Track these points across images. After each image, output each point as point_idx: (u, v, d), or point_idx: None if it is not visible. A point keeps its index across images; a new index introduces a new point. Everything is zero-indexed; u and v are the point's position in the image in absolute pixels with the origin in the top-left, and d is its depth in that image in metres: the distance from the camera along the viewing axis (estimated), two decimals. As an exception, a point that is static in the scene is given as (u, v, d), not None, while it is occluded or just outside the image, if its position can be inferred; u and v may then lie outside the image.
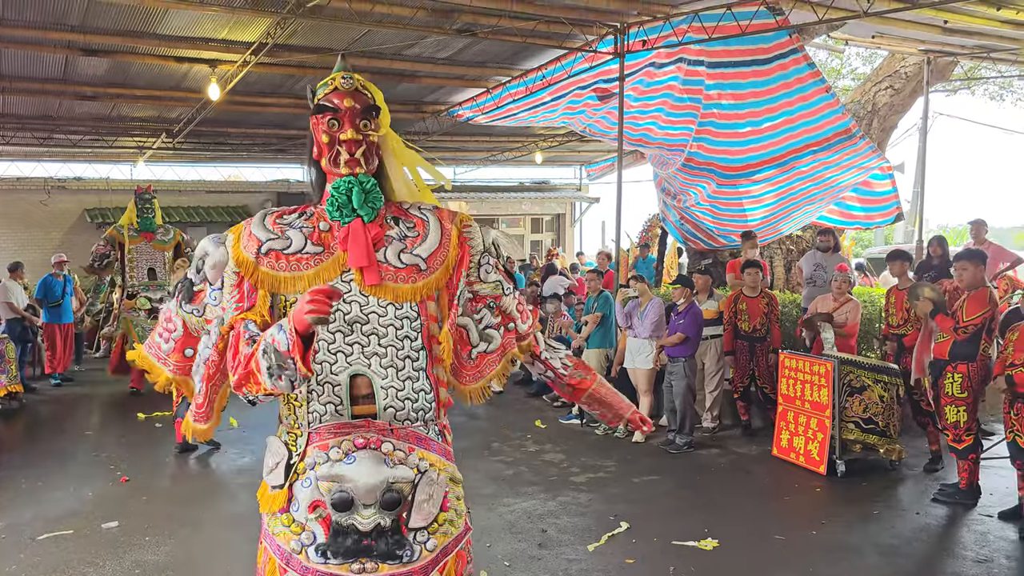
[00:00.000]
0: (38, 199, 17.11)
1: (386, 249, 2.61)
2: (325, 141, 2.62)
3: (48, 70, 10.43)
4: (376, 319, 2.56)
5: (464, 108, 13.00)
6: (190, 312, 2.67)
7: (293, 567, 2.46)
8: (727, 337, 8.11)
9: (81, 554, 5.17)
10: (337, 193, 2.59)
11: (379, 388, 2.53)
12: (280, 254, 2.55)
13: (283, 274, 2.55)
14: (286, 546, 2.48)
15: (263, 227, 2.63)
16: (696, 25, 8.42)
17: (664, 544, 5.23)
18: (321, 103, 2.67)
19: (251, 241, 2.59)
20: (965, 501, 5.96)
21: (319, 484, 2.45)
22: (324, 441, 2.50)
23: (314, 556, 2.43)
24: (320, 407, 2.51)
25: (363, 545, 2.43)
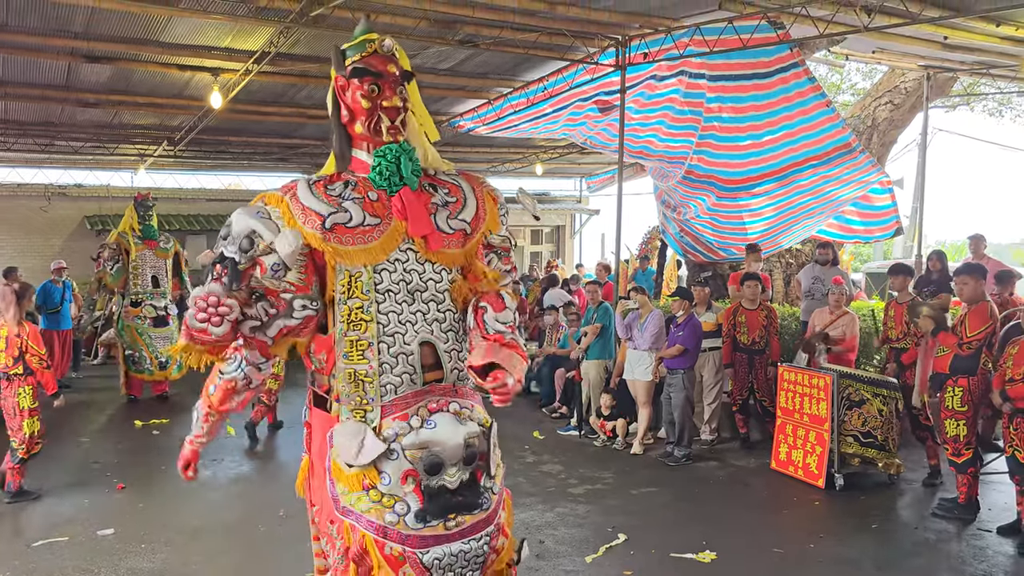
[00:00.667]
0: (38, 205, 17.10)
1: (435, 216, 2.66)
2: (366, 107, 2.60)
3: (50, 77, 10.44)
4: (433, 285, 2.65)
5: (465, 119, 13.02)
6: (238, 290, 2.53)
7: (391, 538, 2.49)
8: (726, 350, 8.11)
9: (76, 561, 5.15)
10: (385, 161, 2.59)
11: (443, 352, 2.66)
12: (344, 228, 2.54)
13: (349, 248, 2.55)
14: (379, 520, 2.49)
15: (316, 198, 2.56)
16: (697, 38, 8.45)
17: (662, 556, 5.22)
18: (360, 66, 2.62)
19: (309, 216, 2.52)
20: (964, 516, 5.94)
21: (407, 453, 2.51)
22: (402, 412, 2.56)
23: (413, 522, 2.50)
24: (395, 378, 2.57)
25: (453, 502, 2.53)
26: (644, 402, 8.01)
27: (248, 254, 2.50)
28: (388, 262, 2.59)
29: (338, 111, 2.68)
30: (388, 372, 2.55)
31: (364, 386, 2.54)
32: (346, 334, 2.54)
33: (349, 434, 2.52)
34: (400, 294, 2.59)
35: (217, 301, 2.46)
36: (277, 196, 2.58)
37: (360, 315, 2.54)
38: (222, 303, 2.47)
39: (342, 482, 2.53)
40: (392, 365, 2.56)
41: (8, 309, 6.31)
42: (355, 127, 2.64)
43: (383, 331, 2.56)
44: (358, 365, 2.54)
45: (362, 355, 2.54)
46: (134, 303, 10.25)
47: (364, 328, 2.54)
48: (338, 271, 2.55)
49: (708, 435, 8.24)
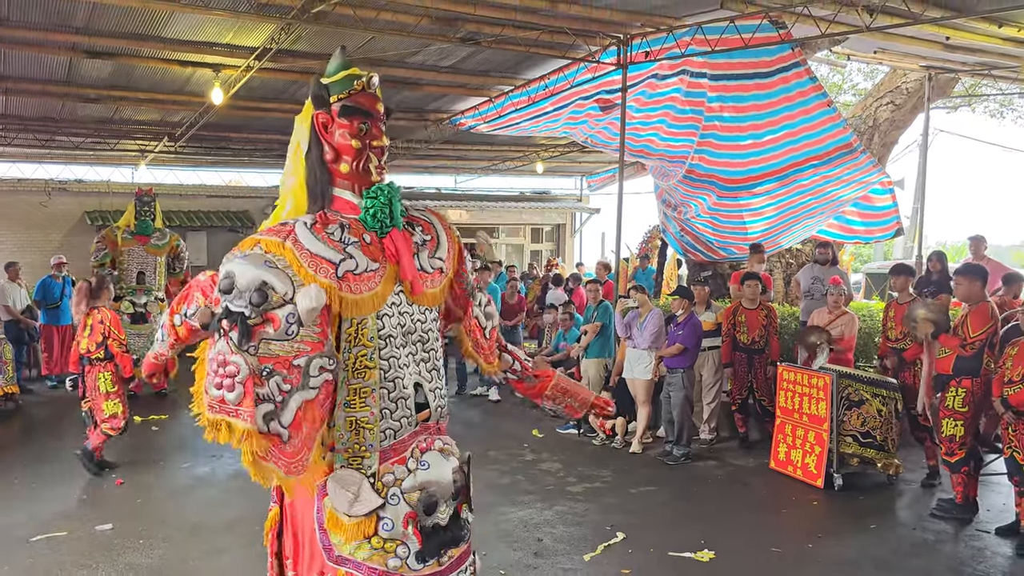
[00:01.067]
0: (38, 200, 17.08)
1: (418, 256, 2.65)
2: (356, 147, 2.54)
3: (51, 72, 10.43)
4: (420, 326, 2.65)
5: (466, 116, 13.02)
6: (246, 350, 2.20)
7: None
8: (726, 349, 8.11)
9: (74, 556, 5.15)
10: (379, 204, 2.53)
11: (428, 391, 2.66)
12: (353, 275, 2.46)
13: (360, 297, 2.47)
14: (382, 566, 2.46)
15: (321, 244, 2.44)
16: (699, 37, 8.44)
17: (660, 555, 5.22)
18: (351, 105, 2.56)
19: (320, 264, 2.40)
20: (962, 516, 5.95)
21: (405, 497, 2.49)
22: (400, 456, 2.54)
23: (415, 564, 2.48)
24: (395, 423, 2.54)
25: (446, 537, 2.56)
26: (643, 401, 8.01)
27: (260, 308, 2.25)
28: (387, 307, 2.54)
29: (320, 149, 2.59)
30: (388, 417, 2.52)
31: (364, 433, 2.49)
32: (348, 382, 2.47)
33: (345, 483, 2.46)
34: (398, 338, 2.56)
35: (224, 360, 2.17)
36: (277, 242, 2.39)
37: (364, 362, 2.49)
38: (228, 362, 2.17)
39: (339, 532, 2.46)
40: (392, 410, 2.53)
41: (81, 302, 6.91)
42: (340, 166, 2.56)
43: (384, 376, 2.51)
44: (359, 412, 2.48)
45: (364, 402, 2.48)
46: (116, 298, 10.24)
47: (367, 375, 2.49)
48: (345, 320, 2.47)
49: (707, 434, 8.24)
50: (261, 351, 2.22)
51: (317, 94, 2.59)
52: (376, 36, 8.86)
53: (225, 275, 2.29)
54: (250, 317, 2.23)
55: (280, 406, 2.20)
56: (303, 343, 2.27)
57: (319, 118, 2.58)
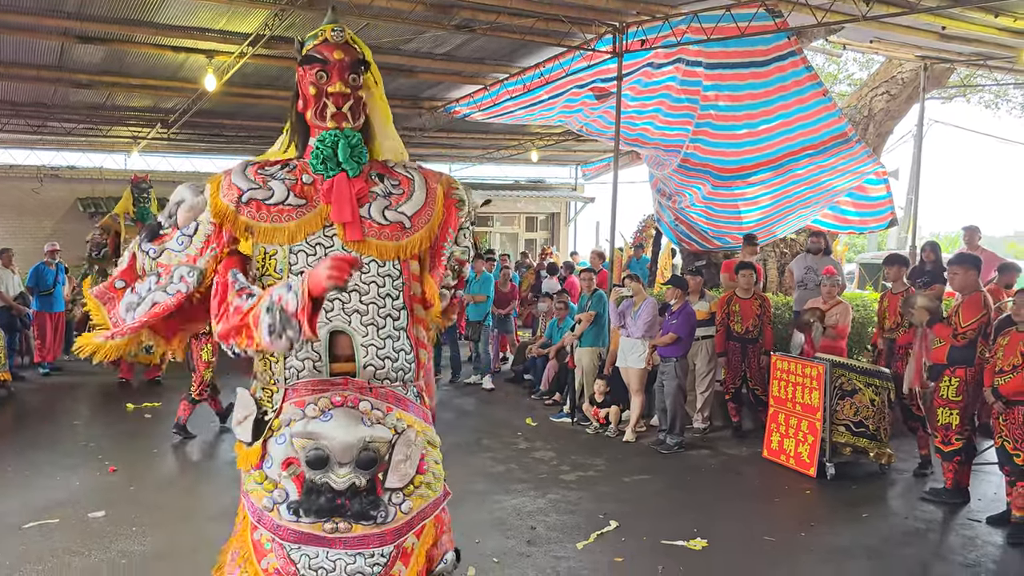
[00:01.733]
0: (30, 187, 17.00)
1: (370, 205, 2.62)
2: (312, 93, 2.61)
3: (43, 57, 10.35)
4: (358, 276, 2.52)
5: (461, 104, 12.97)
6: (146, 251, 2.63)
7: (264, 524, 2.44)
8: (719, 338, 8.12)
9: (67, 543, 5.14)
10: (322, 146, 2.57)
11: (359, 346, 2.52)
12: (261, 204, 2.54)
13: (263, 224, 2.54)
14: (258, 503, 2.46)
15: (244, 176, 2.60)
16: (695, 26, 8.41)
17: (653, 543, 5.23)
18: (309, 54, 2.65)
19: (231, 190, 2.57)
20: (952, 500, 6.00)
21: (293, 441, 2.43)
22: (301, 398, 2.47)
23: (286, 514, 2.41)
24: (298, 363, 2.49)
25: (337, 504, 2.40)
26: (637, 390, 8.02)
27: (172, 219, 2.64)
28: (307, 244, 2.53)
29: (295, 100, 2.72)
30: (293, 355, 2.48)
31: (271, 365, 2.52)
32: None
33: (241, 405, 2.58)
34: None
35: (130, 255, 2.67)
36: (219, 175, 2.65)
37: None
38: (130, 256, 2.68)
39: (239, 458, 2.55)
40: (297, 349, 2.44)
41: None
42: (307, 114, 2.65)
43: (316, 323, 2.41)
44: None
45: None
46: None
47: None
48: (255, 248, 2.55)
49: (700, 423, 8.26)
50: (162, 258, 2.60)
51: (296, 50, 2.73)
52: (371, 23, 8.80)
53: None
54: (163, 227, 2.64)
55: (142, 301, 2.56)
56: (187, 254, 2.57)
57: (297, 71, 2.70)
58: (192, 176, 18.50)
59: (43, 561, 4.86)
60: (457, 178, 10.85)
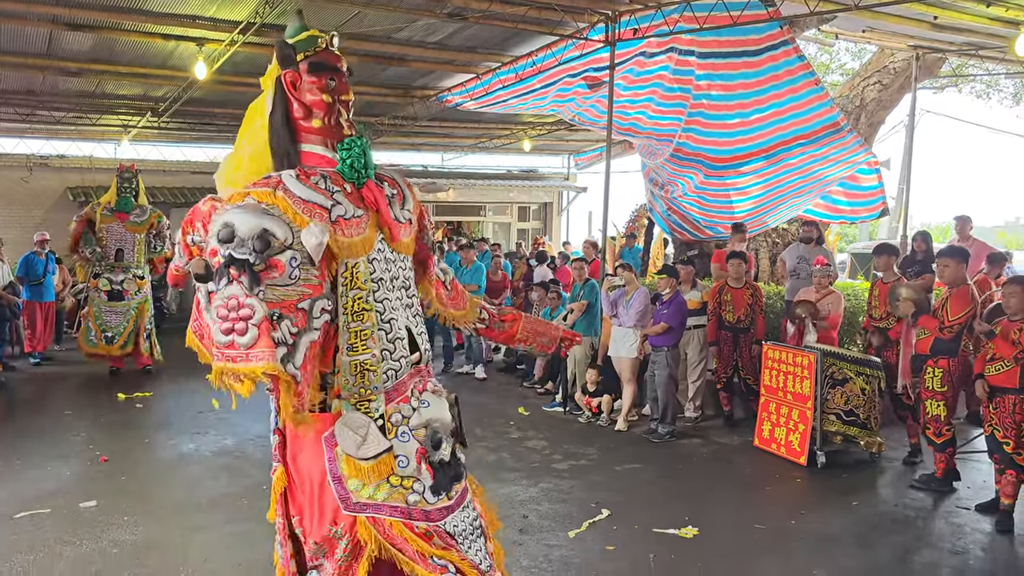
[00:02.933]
0: (19, 176, 16.88)
1: (391, 206, 2.76)
2: (327, 102, 2.63)
3: (31, 44, 10.26)
4: (403, 273, 2.79)
5: (453, 93, 12.93)
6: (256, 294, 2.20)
7: (416, 517, 2.56)
8: (711, 328, 8.13)
9: (58, 533, 5.13)
10: (353, 154, 2.62)
11: (417, 335, 2.80)
12: (343, 220, 2.57)
13: (349, 240, 2.57)
14: (402, 503, 2.56)
15: (310, 191, 2.51)
16: (688, 15, 8.40)
17: (645, 531, 5.25)
18: (317, 62, 2.65)
19: (314, 210, 2.47)
20: (941, 488, 6.05)
21: (414, 434, 2.63)
22: (404, 395, 2.67)
23: (432, 498, 2.60)
24: (395, 363, 2.67)
25: (452, 473, 2.69)
26: (629, 379, 8.04)
27: (264, 254, 2.27)
28: (375, 252, 2.66)
29: (285, 108, 2.67)
30: (388, 358, 2.63)
31: (368, 376, 2.58)
32: (349, 325, 2.56)
33: (354, 426, 2.54)
34: (387, 282, 2.68)
35: (238, 304, 2.17)
36: (268, 192, 2.44)
37: (361, 305, 2.59)
38: (242, 304, 2.17)
39: (357, 477, 2.53)
40: (391, 351, 2.64)
41: None
42: (312, 122, 2.65)
43: (380, 319, 2.62)
44: (362, 355, 2.57)
45: (365, 344, 2.58)
46: (95, 275, 10.17)
47: (365, 318, 2.59)
48: (340, 264, 2.57)
49: (692, 412, 8.29)
50: (267, 296, 2.23)
51: (284, 54, 2.68)
52: (362, 11, 8.76)
53: (223, 224, 2.29)
54: (255, 264, 2.24)
55: (292, 349, 2.23)
56: (305, 287, 2.35)
57: (287, 76, 2.67)
58: (183, 165, 18.46)
59: (34, 551, 4.85)
60: (450, 167, 11.06)
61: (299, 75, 2.65)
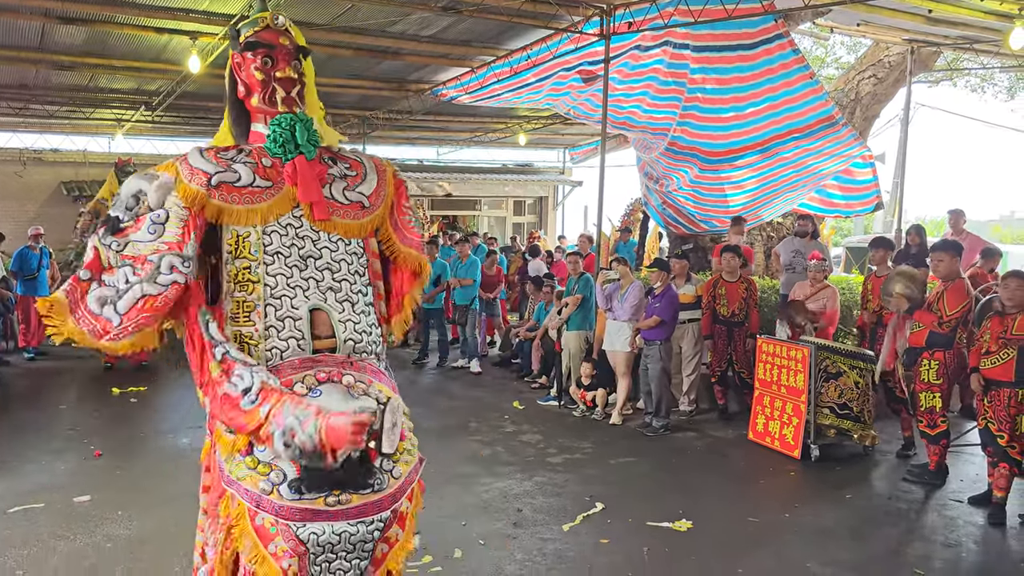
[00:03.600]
0: (13, 170, 16.84)
1: (331, 186, 2.71)
2: (260, 79, 2.64)
3: (24, 38, 10.21)
4: (329, 254, 2.65)
5: (448, 87, 12.90)
6: (107, 244, 2.44)
7: (264, 508, 2.39)
8: (706, 321, 8.14)
9: (52, 527, 5.12)
10: (280, 129, 2.62)
11: (337, 322, 2.61)
12: (231, 187, 2.56)
13: (236, 207, 2.56)
14: (254, 488, 2.40)
15: (206, 160, 2.58)
16: (682, 8, 8.38)
17: (638, 525, 5.26)
18: (254, 40, 2.67)
19: (196, 174, 2.53)
20: (934, 481, 6.07)
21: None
22: (287, 378, 2.47)
23: (288, 493, 2.38)
24: (281, 343, 2.53)
25: (335, 477, 2.39)
26: (623, 373, 8.04)
27: (132, 212, 2.50)
28: (279, 225, 2.60)
29: (235, 88, 2.72)
30: (274, 336, 2.52)
31: (249, 349, 2.50)
32: (232, 294, 2.52)
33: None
34: (291, 258, 2.58)
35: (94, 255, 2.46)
36: (169, 163, 2.58)
37: (247, 275, 2.54)
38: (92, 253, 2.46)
39: (223, 448, 2.48)
40: (279, 329, 2.52)
41: None
42: (252, 100, 2.68)
43: (270, 293, 2.53)
44: (243, 327, 2.51)
45: (248, 317, 2.52)
46: None
47: (251, 289, 2.53)
48: (226, 231, 2.55)
49: (687, 406, 8.30)
50: (127, 251, 2.44)
51: (232, 36, 2.74)
52: (356, 4, 8.73)
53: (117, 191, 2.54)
54: (122, 220, 2.47)
55: (120, 293, 2.39)
56: (163, 243, 2.44)
57: (234, 58, 2.71)
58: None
59: (28, 545, 4.85)
60: (445, 161, 11.04)
61: (241, 56, 2.69)
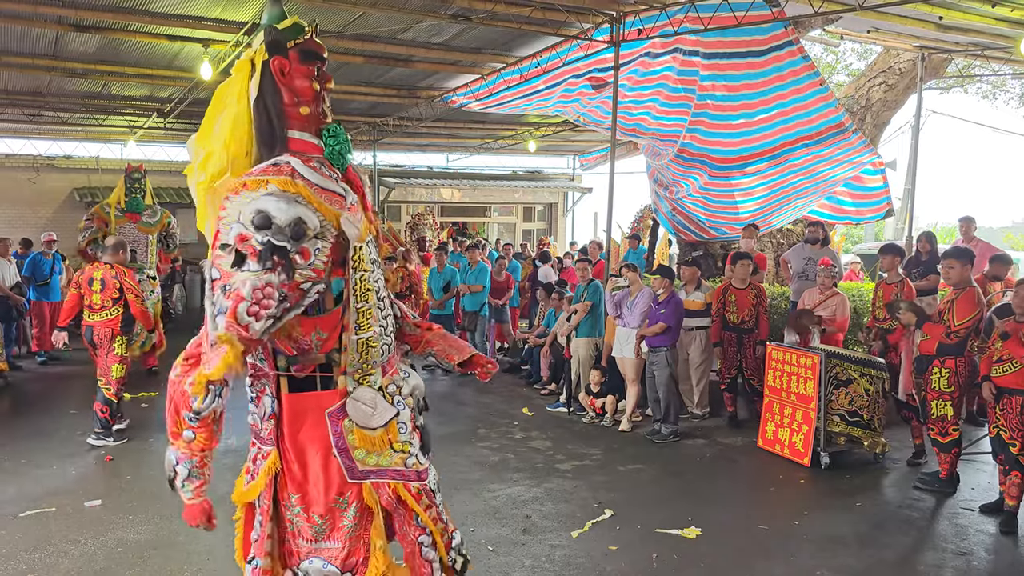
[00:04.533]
0: (26, 177, 16.98)
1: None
2: (316, 88, 2.69)
3: (38, 45, 10.32)
4: (376, 256, 2.89)
5: (458, 94, 12.94)
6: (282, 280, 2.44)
7: (411, 478, 2.79)
8: (715, 328, 8.12)
9: (63, 531, 5.16)
10: (339, 140, 2.73)
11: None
12: (352, 206, 2.71)
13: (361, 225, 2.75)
14: (401, 466, 2.77)
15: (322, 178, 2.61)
16: (692, 15, 8.39)
17: (647, 532, 5.25)
18: (308, 49, 2.68)
19: (333, 197, 2.60)
20: (945, 489, 6.04)
21: (406, 402, 2.86)
22: (394, 368, 2.89)
23: (422, 459, 2.86)
24: (388, 338, 2.86)
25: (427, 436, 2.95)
26: (632, 379, 8.04)
27: (298, 243, 2.43)
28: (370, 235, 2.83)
29: (276, 94, 2.64)
30: (383, 334, 2.79)
31: (370, 351, 2.73)
32: (357, 306, 2.70)
33: (364, 400, 2.72)
34: (378, 263, 2.85)
35: (271, 292, 2.37)
36: (287, 180, 2.49)
37: (366, 285, 2.73)
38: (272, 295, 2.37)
39: (363, 447, 2.70)
40: (385, 327, 2.81)
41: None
42: (299, 109, 2.66)
43: (377, 298, 2.79)
44: (366, 333, 2.72)
45: (368, 322, 2.73)
46: None
47: (368, 298, 2.74)
48: (349, 248, 2.68)
49: (697, 410, 8.29)
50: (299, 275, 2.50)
51: (273, 39, 2.67)
52: (367, 12, 8.77)
53: (257, 211, 2.40)
54: (291, 251, 2.42)
55: (277, 321, 2.44)
56: (313, 271, 2.50)
57: (275, 63, 2.64)
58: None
59: (39, 549, 4.88)
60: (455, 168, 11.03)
61: (288, 62, 2.64)
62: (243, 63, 2.74)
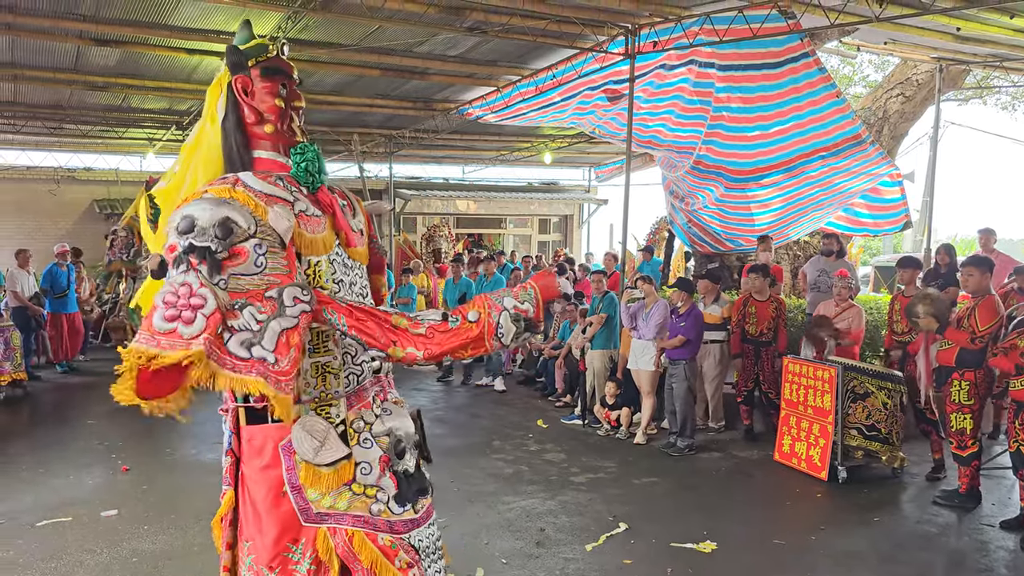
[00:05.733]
0: (47, 189, 17.18)
1: (345, 214, 2.74)
2: (280, 106, 2.60)
3: (60, 60, 10.46)
4: (358, 280, 2.72)
5: (474, 107, 12.99)
6: (216, 283, 2.17)
7: (380, 528, 2.46)
8: (735, 340, 8.08)
9: (79, 541, 5.18)
10: (307, 159, 2.60)
11: None
12: (305, 215, 2.52)
13: (311, 236, 2.52)
14: (365, 512, 2.44)
15: (269, 186, 2.48)
16: (707, 27, 8.39)
17: (662, 546, 5.22)
18: (272, 67, 2.62)
19: (276, 201, 2.43)
20: (965, 505, 5.95)
21: (377, 441, 2.53)
22: (365, 401, 2.58)
23: (397, 508, 2.50)
24: (357, 368, 2.57)
25: (416, 487, 2.57)
26: (648, 392, 8.00)
27: (226, 242, 2.21)
28: (335, 253, 2.61)
29: (238, 114, 2.61)
30: (350, 362, 2.53)
31: (329, 379, 2.47)
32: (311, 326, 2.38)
33: (311, 430, 2.41)
34: (345, 285, 2.60)
35: (190, 292, 2.08)
36: (226, 188, 2.39)
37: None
38: (194, 293, 2.07)
39: (317, 486, 2.41)
40: (353, 354, 2.53)
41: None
42: (263, 128, 2.60)
43: None
44: (324, 357, 2.47)
45: (326, 346, 2.47)
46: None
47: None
48: (303, 261, 2.48)
49: (714, 423, 8.24)
50: (231, 286, 2.18)
51: (235, 60, 2.63)
52: (383, 25, 8.84)
53: (182, 217, 2.23)
54: (217, 251, 2.19)
55: (258, 334, 2.13)
56: (273, 276, 2.26)
57: (238, 82, 2.61)
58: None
59: (56, 559, 4.91)
60: (471, 180, 11.02)
61: (250, 80, 2.60)
62: (213, 86, 2.69)
